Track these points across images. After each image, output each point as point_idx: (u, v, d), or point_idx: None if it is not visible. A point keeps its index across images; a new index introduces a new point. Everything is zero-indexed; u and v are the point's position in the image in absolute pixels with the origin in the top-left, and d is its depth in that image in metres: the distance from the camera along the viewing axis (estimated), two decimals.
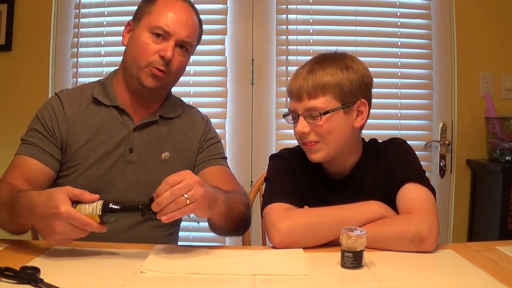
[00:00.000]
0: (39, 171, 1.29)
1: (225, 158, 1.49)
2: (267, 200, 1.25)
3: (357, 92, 1.23)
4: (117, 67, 1.44)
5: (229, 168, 1.48)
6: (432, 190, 1.21)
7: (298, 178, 1.31)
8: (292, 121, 1.27)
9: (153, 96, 1.40)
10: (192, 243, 2.36)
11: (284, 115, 1.29)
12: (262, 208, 1.26)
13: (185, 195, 1.00)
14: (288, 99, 1.30)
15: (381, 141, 1.36)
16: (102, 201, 1.02)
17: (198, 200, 1.02)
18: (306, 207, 1.24)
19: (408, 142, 1.34)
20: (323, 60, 1.25)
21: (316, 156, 1.24)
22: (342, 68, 1.22)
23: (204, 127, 1.48)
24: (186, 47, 1.35)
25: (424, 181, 1.21)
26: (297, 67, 1.29)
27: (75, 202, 1.01)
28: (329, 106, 1.21)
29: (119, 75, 1.41)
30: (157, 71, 1.31)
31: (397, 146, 1.31)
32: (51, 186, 1.31)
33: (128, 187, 1.35)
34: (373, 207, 1.18)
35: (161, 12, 1.33)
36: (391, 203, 1.21)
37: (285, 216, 1.18)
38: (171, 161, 1.40)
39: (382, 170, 1.28)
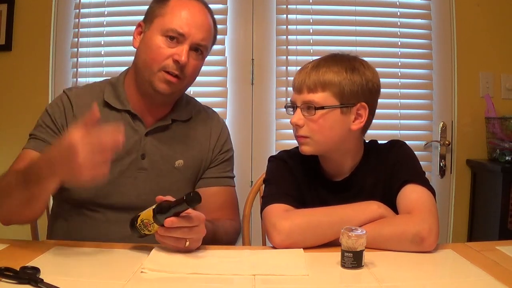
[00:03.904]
0: None
1: (233, 176, 1.46)
2: (266, 201, 1.25)
3: (358, 94, 1.22)
4: (128, 67, 1.39)
5: (234, 187, 1.46)
6: (432, 191, 1.21)
7: (297, 179, 1.31)
8: (291, 112, 1.28)
9: (166, 101, 1.35)
10: None
11: (286, 106, 1.30)
12: (262, 209, 1.26)
13: (187, 241, 1.07)
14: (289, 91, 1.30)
15: (380, 141, 1.36)
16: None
17: (188, 248, 1.09)
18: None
19: (408, 142, 1.34)
20: (331, 59, 1.25)
21: (305, 148, 1.25)
22: (347, 68, 1.22)
23: (219, 134, 1.43)
24: (201, 50, 1.30)
25: (424, 182, 1.21)
26: (297, 67, 1.29)
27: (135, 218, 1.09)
28: (326, 103, 1.21)
29: (131, 77, 1.35)
30: (171, 77, 1.26)
31: (397, 148, 1.31)
32: (57, 188, 1.08)
33: (140, 193, 1.30)
34: (373, 207, 1.18)
35: (174, 13, 1.26)
36: (391, 205, 1.21)
37: (285, 216, 1.18)
38: (184, 169, 1.36)
39: (382, 173, 1.28)
